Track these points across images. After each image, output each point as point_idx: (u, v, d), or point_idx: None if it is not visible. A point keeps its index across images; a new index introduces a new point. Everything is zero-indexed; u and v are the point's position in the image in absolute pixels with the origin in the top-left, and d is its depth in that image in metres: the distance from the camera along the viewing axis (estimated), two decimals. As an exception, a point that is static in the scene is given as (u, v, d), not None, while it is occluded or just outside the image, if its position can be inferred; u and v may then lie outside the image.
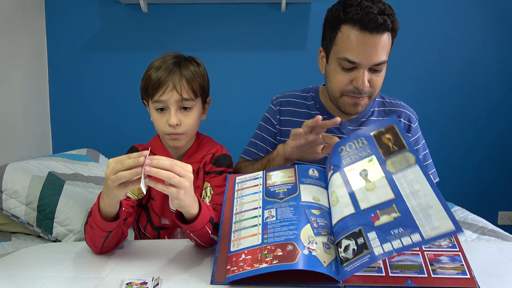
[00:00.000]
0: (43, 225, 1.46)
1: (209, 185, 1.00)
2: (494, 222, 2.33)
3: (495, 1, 2.24)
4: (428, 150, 1.21)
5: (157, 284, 0.70)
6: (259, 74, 2.30)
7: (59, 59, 2.28)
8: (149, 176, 0.72)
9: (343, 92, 1.05)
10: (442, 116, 2.32)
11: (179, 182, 0.72)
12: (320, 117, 0.88)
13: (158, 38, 2.27)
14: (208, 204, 0.89)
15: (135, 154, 0.71)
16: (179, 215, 0.81)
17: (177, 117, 0.96)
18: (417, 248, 0.73)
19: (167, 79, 0.94)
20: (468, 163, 2.35)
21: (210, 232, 0.82)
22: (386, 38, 0.98)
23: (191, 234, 0.83)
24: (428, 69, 2.29)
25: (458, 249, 0.73)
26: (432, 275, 0.68)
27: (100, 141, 2.30)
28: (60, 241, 1.45)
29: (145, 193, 0.74)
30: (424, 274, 0.68)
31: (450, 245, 0.74)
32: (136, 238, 1.11)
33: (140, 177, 0.71)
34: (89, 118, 2.32)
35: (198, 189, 1.01)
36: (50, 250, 0.93)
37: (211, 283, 0.71)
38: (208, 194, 0.98)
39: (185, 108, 0.98)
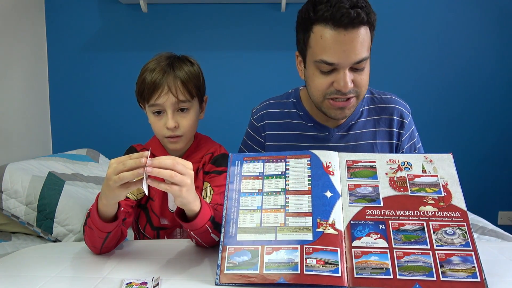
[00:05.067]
0: (43, 225, 1.46)
1: (209, 185, 1.00)
2: (494, 222, 2.33)
3: (495, 1, 2.24)
4: (421, 143, 1.19)
5: (157, 284, 0.70)
6: (259, 74, 2.30)
7: (59, 59, 2.28)
8: (150, 176, 0.72)
9: (326, 95, 0.96)
10: (442, 116, 2.32)
11: (181, 180, 0.72)
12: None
13: (158, 38, 2.27)
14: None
15: (136, 154, 0.71)
16: (180, 214, 0.81)
17: (174, 119, 0.95)
18: (429, 247, 0.70)
19: (162, 82, 0.93)
20: (468, 163, 2.35)
21: (210, 231, 0.82)
22: (363, 32, 0.89)
23: (192, 233, 0.82)
24: (428, 69, 2.28)
25: (471, 248, 0.70)
26: (441, 278, 0.66)
27: (100, 141, 2.30)
28: (60, 241, 1.46)
29: (147, 194, 0.74)
30: (433, 277, 0.66)
31: (464, 243, 0.70)
32: (135, 238, 1.10)
33: (142, 178, 0.71)
34: (89, 118, 2.32)
35: (197, 189, 1.00)
36: (50, 250, 0.93)
37: (216, 284, 0.70)
38: (208, 194, 0.98)
39: (182, 110, 0.97)
